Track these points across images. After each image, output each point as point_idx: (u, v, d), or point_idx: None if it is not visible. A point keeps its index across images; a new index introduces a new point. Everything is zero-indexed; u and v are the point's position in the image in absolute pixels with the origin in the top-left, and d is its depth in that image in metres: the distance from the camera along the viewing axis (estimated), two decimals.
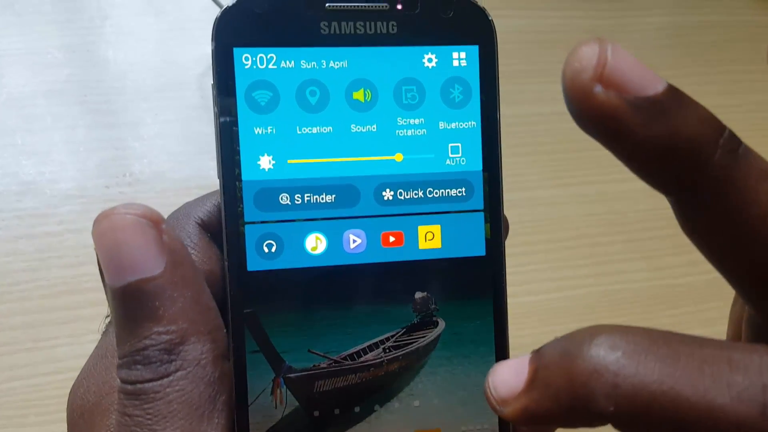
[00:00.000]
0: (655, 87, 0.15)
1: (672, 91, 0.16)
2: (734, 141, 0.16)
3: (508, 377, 0.16)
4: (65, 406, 0.22)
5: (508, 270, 0.23)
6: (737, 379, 0.14)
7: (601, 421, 0.15)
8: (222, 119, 0.21)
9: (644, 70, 0.16)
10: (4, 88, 0.46)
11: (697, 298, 0.45)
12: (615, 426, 0.15)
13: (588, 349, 0.15)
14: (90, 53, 0.47)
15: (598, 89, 0.15)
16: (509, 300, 0.23)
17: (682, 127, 0.15)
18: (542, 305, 0.44)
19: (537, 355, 0.16)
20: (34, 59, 0.47)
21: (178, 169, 0.45)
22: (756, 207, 0.16)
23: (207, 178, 0.21)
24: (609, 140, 0.16)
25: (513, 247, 0.44)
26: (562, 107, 0.16)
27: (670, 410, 0.14)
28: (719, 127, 0.16)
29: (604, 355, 0.14)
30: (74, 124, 0.45)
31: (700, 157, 0.16)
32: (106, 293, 0.19)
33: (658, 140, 0.15)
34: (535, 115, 0.48)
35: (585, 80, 0.15)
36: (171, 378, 0.18)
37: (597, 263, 0.46)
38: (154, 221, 0.19)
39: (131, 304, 0.19)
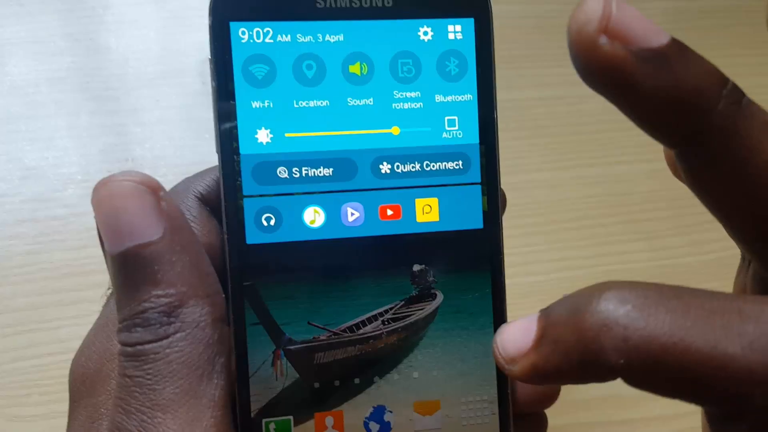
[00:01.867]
0: (659, 39, 0.16)
1: (676, 44, 0.16)
2: (737, 92, 0.16)
3: (516, 336, 0.16)
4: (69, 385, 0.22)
5: (508, 251, 0.23)
6: (748, 328, 0.14)
7: (611, 376, 0.15)
8: (219, 93, 0.21)
9: (648, 22, 0.16)
10: (7, 75, 0.46)
11: (699, 278, 0.45)
12: (626, 380, 0.15)
13: (597, 304, 0.15)
14: (92, 41, 0.48)
15: (604, 41, 0.15)
16: (510, 280, 0.23)
17: (686, 78, 0.16)
18: (543, 286, 0.44)
19: (545, 312, 0.16)
20: (37, 48, 0.47)
21: (179, 153, 0.45)
22: (759, 156, 0.16)
23: (208, 162, 0.21)
24: (614, 92, 0.16)
25: (514, 229, 0.44)
26: (562, 91, 0.16)
27: (681, 362, 0.14)
28: (723, 79, 0.16)
29: (614, 309, 0.14)
30: (77, 111, 0.45)
31: (704, 107, 0.16)
32: (105, 261, 0.20)
33: (663, 91, 0.16)
34: (535, 99, 0.48)
35: (590, 32, 0.15)
36: (170, 339, 0.19)
37: (598, 244, 0.46)
38: (152, 188, 0.19)
39: (130, 269, 0.19)
